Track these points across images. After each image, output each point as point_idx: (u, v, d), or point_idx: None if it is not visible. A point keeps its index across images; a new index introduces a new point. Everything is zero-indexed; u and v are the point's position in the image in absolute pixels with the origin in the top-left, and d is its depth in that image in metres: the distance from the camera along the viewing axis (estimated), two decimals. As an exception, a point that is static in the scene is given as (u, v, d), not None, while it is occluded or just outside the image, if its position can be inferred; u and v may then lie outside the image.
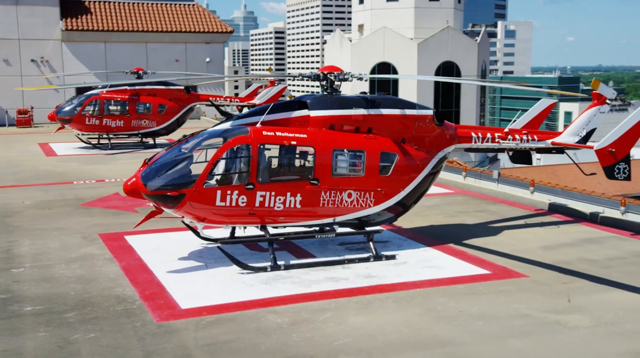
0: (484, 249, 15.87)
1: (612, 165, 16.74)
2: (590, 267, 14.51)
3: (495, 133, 17.12)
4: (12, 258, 15.22)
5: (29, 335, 10.85)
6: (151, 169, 13.96)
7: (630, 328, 11.17)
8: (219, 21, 54.41)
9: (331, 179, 14.49)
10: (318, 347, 10.37)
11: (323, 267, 14.43)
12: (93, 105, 34.50)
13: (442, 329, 11.14)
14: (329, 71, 15.45)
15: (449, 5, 74.94)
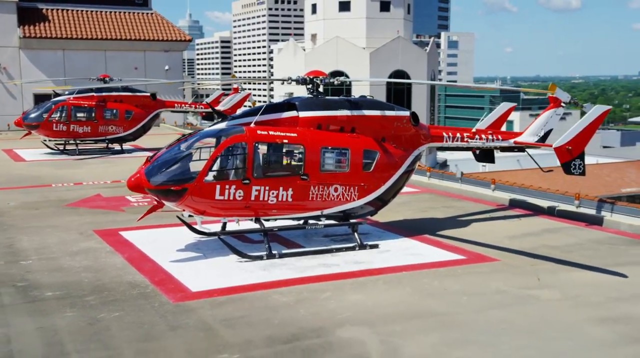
0: (456, 238, 17.37)
1: (569, 162, 18.46)
2: (553, 251, 16.12)
3: (464, 133, 18.68)
4: (17, 253, 16.02)
5: (57, 315, 11.80)
6: (154, 165, 15.01)
7: (594, 299, 12.74)
8: (177, 30, 55.21)
9: (319, 174, 15.76)
10: (324, 319, 11.60)
11: (313, 255, 15.68)
12: (60, 112, 35.01)
13: (432, 303, 12.52)
14: (314, 75, 16.76)
15: (399, 16, 77.15)
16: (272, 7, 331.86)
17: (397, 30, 75.80)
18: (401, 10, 77.96)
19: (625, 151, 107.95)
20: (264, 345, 10.53)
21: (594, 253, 16.14)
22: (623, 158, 75.63)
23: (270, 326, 11.32)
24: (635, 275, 14.25)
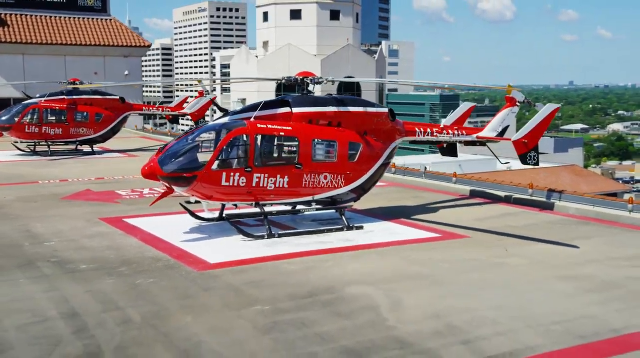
0: (429, 221, 19.63)
1: (525, 154, 20.95)
2: (515, 230, 18.51)
3: (434, 128, 20.99)
4: (36, 236, 17.53)
5: (100, 282, 13.49)
6: (166, 155, 16.75)
7: (555, 263, 15.12)
8: (137, 36, 56.40)
9: (312, 163, 17.76)
10: (333, 281, 13.62)
11: (309, 235, 17.69)
12: (32, 114, 36.05)
13: (419, 269, 14.68)
14: (304, 76, 18.80)
15: (348, 24, 79.85)
16: (214, 14, 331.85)
17: (347, 38, 78.40)
18: (350, 19, 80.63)
19: (558, 157, 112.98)
20: (288, 299, 12.47)
21: (549, 231, 18.58)
22: (557, 163, 79.87)
23: (288, 286, 13.27)
24: (585, 247, 16.71)
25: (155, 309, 11.94)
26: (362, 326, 11.14)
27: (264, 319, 11.45)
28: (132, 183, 26.80)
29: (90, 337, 10.63)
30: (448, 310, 11.90)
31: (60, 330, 10.91)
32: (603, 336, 10.77)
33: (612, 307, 12.20)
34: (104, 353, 10.03)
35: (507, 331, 10.91)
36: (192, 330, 10.91)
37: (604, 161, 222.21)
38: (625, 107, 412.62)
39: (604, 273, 14.43)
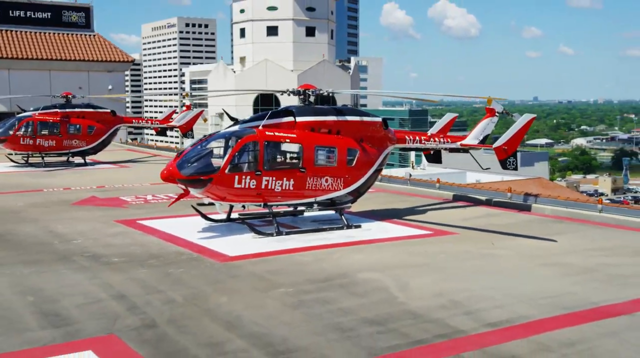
0: (419, 221, 21.46)
1: (505, 159, 22.92)
2: (498, 228, 20.40)
3: (422, 136, 22.88)
4: (62, 236, 18.95)
5: (135, 272, 15.03)
6: (183, 160, 18.32)
7: (538, 254, 17.01)
8: (120, 51, 57.71)
9: (314, 167, 19.47)
10: (345, 268, 15.32)
11: (312, 233, 19.37)
12: (26, 127, 37.25)
13: (418, 258, 16.46)
14: (305, 88, 20.55)
15: (323, 40, 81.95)
16: (183, 30, 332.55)
17: (322, 54, 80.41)
18: (325, 36, 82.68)
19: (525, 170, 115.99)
20: (308, 283, 14.14)
21: (529, 228, 20.51)
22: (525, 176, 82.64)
23: (305, 273, 14.94)
24: (562, 241, 18.64)
25: (192, 292, 13.52)
26: (377, 302, 12.85)
27: (290, 298, 13.10)
28: (133, 190, 28.23)
29: (142, 312, 12.18)
30: (449, 289, 13.68)
31: (115, 308, 12.45)
32: (583, 307, 12.62)
33: (589, 286, 14.08)
34: (159, 325, 11.59)
35: (502, 305, 12.71)
36: (230, 307, 12.52)
37: (568, 175, 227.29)
38: (588, 122, 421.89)
39: (579, 261, 16.35)
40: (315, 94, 20.59)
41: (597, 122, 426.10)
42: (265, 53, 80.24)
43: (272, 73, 76.99)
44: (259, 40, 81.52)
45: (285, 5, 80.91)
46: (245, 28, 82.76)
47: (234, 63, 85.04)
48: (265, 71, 77.26)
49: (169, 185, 26.22)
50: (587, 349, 10.52)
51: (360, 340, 10.84)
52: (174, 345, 10.66)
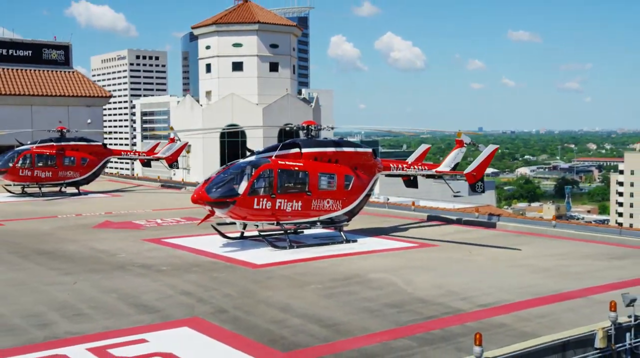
0: (404, 236, 25.21)
1: (474, 183, 26.86)
2: (471, 241, 24.27)
3: (403, 164, 26.75)
4: (105, 251, 22.04)
5: (186, 276, 18.32)
6: (211, 185, 21.70)
7: (507, 258, 20.89)
8: (98, 87, 60.60)
9: (318, 191, 23.06)
10: (357, 271, 18.90)
11: (318, 246, 22.92)
12: (25, 159, 39.89)
13: (414, 262, 20.17)
14: (308, 124, 24.23)
15: (286, 75, 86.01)
16: (133, 62, 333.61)
17: (285, 88, 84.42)
18: (288, 71, 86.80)
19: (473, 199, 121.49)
20: (331, 281, 17.67)
21: (496, 240, 24.45)
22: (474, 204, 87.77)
23: (327, 274, 18.47)
24: (525, 249, 22.59)
25: (241, 289, 16.91)
26: (390, 293, 16.46)
27: (322, 292, 16.62)
28: (139, 215, 31.32)
29: (210, 303, 15.53)
30: (445, 283, 17.39)
31: (186, 300, 15.76)
32: (547, 293, 16.44)
33: (550, 280, 17.95)
34: (228, 310, 14.96)
35: (488, 293, 16.46)
36: (277, 299, 15.96)
37: (514, 203, 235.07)
38: (531, 152, 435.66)
39: (540, 263, 20.28)
40: (316, 129, 24.27)
41: (540, 152, 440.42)
42: (230, 87, 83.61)
43: (238, 106, 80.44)
44: (224, 75, 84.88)
45: (250, 42, 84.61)
46: (211, 64, 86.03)
47: (200, 97, 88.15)
48: (231, 105, 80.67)
49: (172, 211, 29.94)
50: (554, 319, 14.27)
51: (386, 317, 14.42)
52: (246, 323, 14.04)
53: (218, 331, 13.46)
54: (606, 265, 20.17)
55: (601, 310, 13.96)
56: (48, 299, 15.88)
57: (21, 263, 20.21)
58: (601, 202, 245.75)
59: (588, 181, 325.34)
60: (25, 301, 15.71)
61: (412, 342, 12.78)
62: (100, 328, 13.59)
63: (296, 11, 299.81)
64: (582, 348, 12.85)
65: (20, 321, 14.07)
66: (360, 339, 12.92)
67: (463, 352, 11.94)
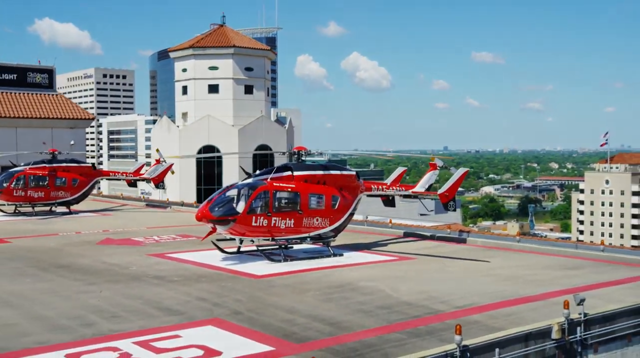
0: (385, 251, 27.92)
1: (446, 203, 29.67)
2: (445, 254, 27.05)
3: (383, 185, 29.51)
4: (117, 265, 24.33)
5: (196, 285, 20.77)
6: (213, 204, 24.17)
7: (478, 269, 23.69)
8: (81, 109, 62.54)
9: (308, 210, 25.66)
10: (348, 280, 21.51)
11: (309, 259, 25.48)
12: (19, 180, 41.82)
13: (396, 273, 22.85)
14: (299, 149, 26.87)
15: (260, 98, 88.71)
16: (100, 81, 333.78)
17: (260, 110, 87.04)
18: (262, 93, 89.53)
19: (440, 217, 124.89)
20: (327, 288, 20.26)
21: (467, 253, 27.27)
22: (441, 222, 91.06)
23: (322, 283, 21.05)
24: (493, 261, 25.43)
25: (249, 295, 19.41)
26: (380, 298, 19.10)
27: (321, 297, 19.20)
28: (135, 233, 33.58)
29: (225, 307, 18.01)
30: (426, 289, 20.09)
31: (203, 305, 18.22)
32: (512, 297, 19.21)
33: (514, 286, 20.76)
34: (243, 312, 17.45)
35: (463, 297, 19.18)
36: (283, 303, 18.49)
37: (479, 221, 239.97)
38: (495, 171, 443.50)
39: (507, 272, 23.10)
40: (306, 153, 26.93)
41: (504, 171, 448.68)
42: (206, 109, 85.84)
43: (214, 128, 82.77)
44: (200, 97, 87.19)
45: (226, 66, 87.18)
46: (187, 86, 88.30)
47: (177, 118, 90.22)
48: (207, 126, 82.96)
49: (166, 228, 32.39)
50: (518, 317, 17.01)
51: (379, 317, 17.04)
52: (260, 322, 16.55)
53: (238, 328, 15.95)
54: (562, 274, 23.08)
55: (557, 309, 16.70)
56: (82, 305, 18.21)
57: (44, 276, 22.44)
58: (563, 220, 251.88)
59: (550, 200, 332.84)
60: (63, 306, 18.03)
61: (402, 335, 15.41)
62: (137, 327, 15.99)
63: (264, 32, 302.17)
64: (542, 339, 15.60)
65: (67, 322, 16.41)
66: (359, 333, 15.51)
67: (445, 342, 14.57)
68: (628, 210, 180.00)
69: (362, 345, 14.56)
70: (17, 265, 24.39)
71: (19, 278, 21.86)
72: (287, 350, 14.33)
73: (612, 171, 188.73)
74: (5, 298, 18.89)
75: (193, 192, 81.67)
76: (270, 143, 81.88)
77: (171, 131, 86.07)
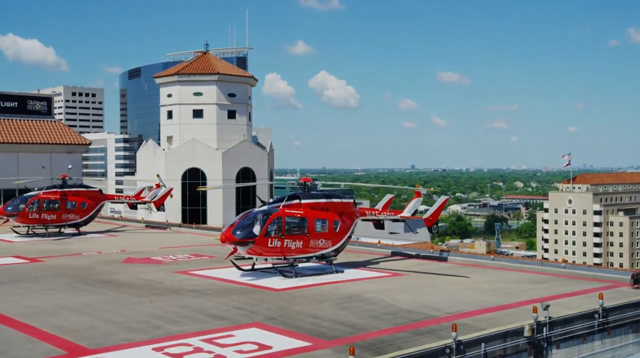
0: (378, 268, 32.24)
1: (431, 226, 34.08)
2: (430, 271, 31.41)
3: (375, 211, 33.86)
4: (152, 280, 28.21)
5: (229, 297, 24.76)
6: (236, 228, 28.25)
7: (460, 283, 28.08)
8: (78, 135, 66.10)
9: (314, 233, 29.88)
10: (354, 292, 25.72)
11: (315, 276, 29.64)
12: (34, 204, 45.38)
13: (394, 286, 27.13)
14: (305, 181, 31.14)
15: (243, 122, 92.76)
16: (69, 99, 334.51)
17: (243, 134, 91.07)
18: (245, 118, 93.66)
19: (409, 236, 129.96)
20: (339, 299, 24.45)
21: (450, 270, 31.68)
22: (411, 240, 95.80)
23: (334, 295, 25.24)
24: (473, 277, 29.83)
25: (276, 305, 23.51)
26: (384, 306, 23.36)
27: (336, 305, 23.39)
28: (151, 253, 37.42)
29: (260, 313, 22.10)
30: (420, 300, 24.41)
31: (242, 311, 22.29)
32: (491, 305, 23.59)
33: (493, 297, 25.14)
34: (276, 318, 21.54)
35: (451, 305, 23.52)
36: (307, 310, 22.63)
37: (447, 239, 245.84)
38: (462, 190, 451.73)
39: (484, 286, 27.53)
40: (312, 184, 31.21)
41: (470, 190, 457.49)
42: (191, 133, 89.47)
43: (199, 151, 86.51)
44: (185, 122, 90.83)
45: (210, 92, 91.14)
46: (172, 110, 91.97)
47: (162, 141, 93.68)
48: (192, 149, 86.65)
49: (176, 248, 36.45)
50: (497, 320, 21.33)
51: (387, 321, 21.30)
52: (292, 325, 20.68)
53: (277, 329, 20.07)
54: (531, 287, 27.56)
55: (527, 314, 21.08)
56: (142, 312, 22.17)
57: (94, 290, 26.28)
58: (528, 238, 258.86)
59: (516, 218, 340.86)
60: (128, 313, 21.97)
61: (408, 334, 19.67)
62: (196, 329, 20.01)
63: (235, 52, 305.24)
64: (516, 336, 19.99)
65: (138, 325, 20.38)
66: (374, 333, 19.74)
67: (442, 339, 18.85)
68: (590, 228, 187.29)
69: (379, 342, 18.78)
70: (65, 281, 28.17)
71: (75, 292, 25.68)
72: (321, 345, 18.49)
73: (574, 191, 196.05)
74: (77, 308, 22.76)
75: (179, 212, 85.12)
76: (252, 166, 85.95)
77: (157, 154, 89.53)
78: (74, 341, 18.49)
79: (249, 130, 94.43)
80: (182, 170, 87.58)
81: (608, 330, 22.40)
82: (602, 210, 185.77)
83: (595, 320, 21.95)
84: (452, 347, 18.01)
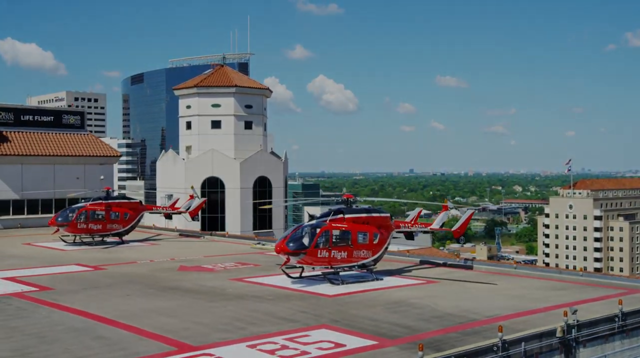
0: (413, 276, 35.62)
1: (458, 237, 37.45)
2: (461, 278, 34.75)
3: (407, 223, 37.26)
4: (214, 287, 31.52)
5: (289, 302, 28.09)
6: (289, 240, 31.61)
7: (490, 289, 31.44)
8: (109, 147, 69.45)
9: (357, 244, 33.24)
10: (400, 298, 29.05)
11: (359, 283, 33.00)
12: (82, 215, 48.74)
13: (432, 293, 30.48)
14: (347, 197, 34.52)
15: (259, 133, 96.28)
16: (71, 104, 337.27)
17: (259, 144, 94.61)
18: (261, 128, 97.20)
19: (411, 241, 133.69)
20: (388, 304, 27.78)
21: (478, 278, 35.04)
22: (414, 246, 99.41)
23: (382, 300, 28.58)
24: (500, 284, 33.17)
25: (333, 310, 26.84)
26: (429, 310, 26.72)
27: (386, 309, 26.75)
28: (199, 261, 40.74)
29: (324, 317, 25.41)
30: (459, 305, 27.76)
31: (307, 315, 25.61)
32: (524, 310, 26.96)
33: (522, 302, 28.50)
34: (339, 320, 24.86)
35: (489, 309, 26.86)
36: (363, 314, 25.97)
37: (448, 244, 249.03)
38: (461, 194, 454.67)
39: (513, 293, 30.91)
40: (354, 201, 34.60)
41: (469, 194, 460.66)
42: (209, 143, 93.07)
43: (217, 161, 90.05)
44: (204, 132, 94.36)
45: (227, 103, 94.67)
46: (191, 121, 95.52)
47: (180, 151, 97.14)
48: (211, 159, 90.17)
49: (221, 257, 39.79)
50: (532, 323, 24.67)
51: (435, 323, 24.66)
52: (356, 326, 24.00)
53: (344, 330, 23.42)
54: (554, 293, 30.94)
55: (555, 318, 24.41)
56: (222, 315, 25.50)
57: (166, 295, 29.60)
58: (528, 243, 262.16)
59: (515, 222, 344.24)
60: (210, 316, 25.31)
61: (457, 334, 23.05)
62: (275, 330, 23.34)
63: (237, 57, 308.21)
64: (549, 337, 23.36)
65: (223, 326, 23.72)
66: (428, 333, 23.11)
67: (487, 339, 22.20)
68: (590, 233, 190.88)
69: (434, 341, 22.15)
70: (137, 287, 31.53)
71: (153, 297, 29.02)
72: (387, 343, 21.87)
73: (575, 196, 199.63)
74: (163, 311, 26.10)
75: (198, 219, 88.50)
76: (268, 174, 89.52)
77: (177, 163, 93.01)
78: (178, 340, 21.82)
79: (265, 140, 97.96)
80: (201, 179, 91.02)
81: (627, 332, 25.79)
82: (602, 216, 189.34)
83: (615, 323, 25.33)
84: (498, 345, 21.35)
